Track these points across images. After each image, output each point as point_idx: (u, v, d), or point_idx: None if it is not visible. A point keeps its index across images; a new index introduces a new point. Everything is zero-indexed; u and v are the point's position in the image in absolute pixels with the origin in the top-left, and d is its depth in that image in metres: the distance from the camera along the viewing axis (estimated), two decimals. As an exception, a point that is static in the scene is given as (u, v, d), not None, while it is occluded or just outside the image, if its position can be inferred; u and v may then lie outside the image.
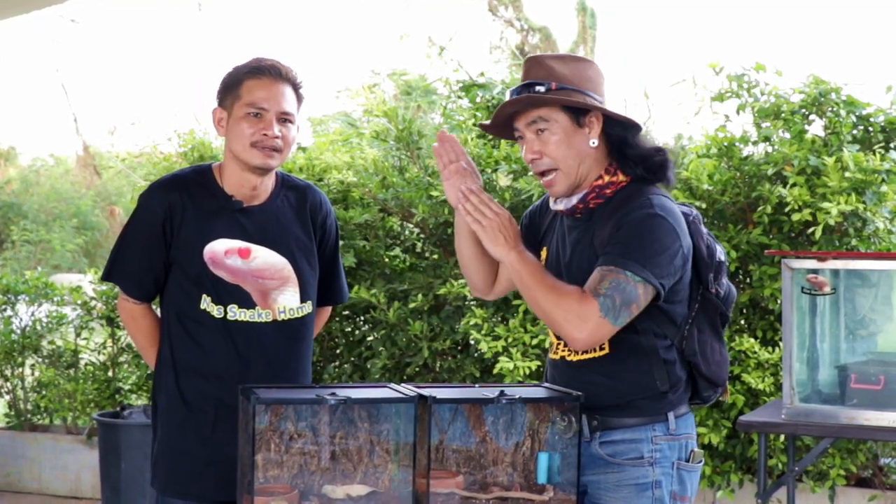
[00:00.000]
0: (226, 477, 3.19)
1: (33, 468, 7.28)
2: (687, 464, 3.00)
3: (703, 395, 3.08)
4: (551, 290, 2.84)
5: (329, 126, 15.82)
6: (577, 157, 2.97)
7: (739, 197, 5.44)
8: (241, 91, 3.22)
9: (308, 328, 3.38)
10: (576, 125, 2.95)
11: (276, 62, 3.26)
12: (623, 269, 2.81)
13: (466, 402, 2.89)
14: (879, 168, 5.08)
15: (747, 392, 5.32)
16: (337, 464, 2.85)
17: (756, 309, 5.56)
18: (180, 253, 3.24)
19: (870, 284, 4.42)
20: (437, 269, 5.95)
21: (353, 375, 6.12)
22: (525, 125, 2.98)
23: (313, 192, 3.45)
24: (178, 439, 3.28)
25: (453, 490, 2.85)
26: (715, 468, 5.45)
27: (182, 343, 3.27)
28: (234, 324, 3.23)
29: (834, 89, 5.44)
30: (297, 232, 3.35)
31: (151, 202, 3.28)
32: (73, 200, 21.56)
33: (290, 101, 3.25)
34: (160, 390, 3.34)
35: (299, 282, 3.32)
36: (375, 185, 5.99)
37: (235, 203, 3.27)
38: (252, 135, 3.19)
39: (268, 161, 3.22)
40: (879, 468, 5.65)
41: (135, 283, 3.31)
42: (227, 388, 3.19)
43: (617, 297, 2.80)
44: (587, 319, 2.79)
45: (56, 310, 7.52)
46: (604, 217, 2.95)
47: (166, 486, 3.31)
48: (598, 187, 2.98)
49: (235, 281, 3.24)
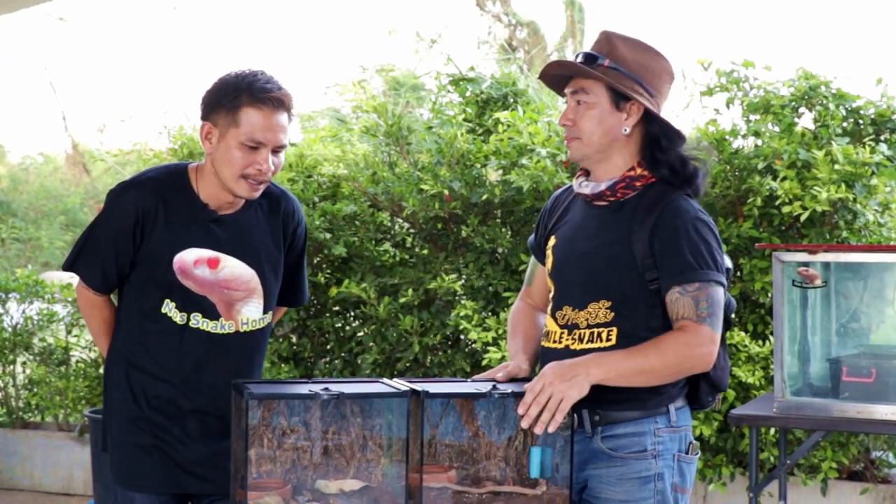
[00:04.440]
0: (180, 469, 3.19)
1: (25, 465, 7.27)
2: (686, 456, 3.01)
3: (703, 401, 3.09)
4: (661, 354, 2.85)
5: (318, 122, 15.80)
6: (605, 137, 2.98)
7: (730, 190, 5.44)
8: (239, 118, 3.08)
9: (265, 337, 3.36)
10: (615, 108, 2.97)
11: (277, 93, 3.11)
12: (707, 280, 2.86)
13: (459, 397, 2.89)
14: (869, 160, 5.08)
15: (738, 386, 5.32)
16: (330, 459, 2.85)
17: (747, 302, 5.56)
18: (149, 256, 3.19)
19: (861, 277, 4.43)
20: (427, 263, 5.95)
21: (343, 371, 6.12)
22: (570, 91, 3.01)
23: (287, 200, 3.38)
24: (131, 434, 3.24)
25: (446, 484, 2.85)
26: (707, 462, 5.45)
27: (137, 340, 3.23)
28: (195, 331, 3.19)
29: (823, 83, 5.45)
30: (268, 243, 3.30)
31: (124, 203, 3.19)
32: (63, 198, 21.51)
33: (286, 131, 3.15)
34: (111, 383, 3.29)
35: (264, 293, 3.28)
36: (366, 179, 5.99)
37: (210, 213, 3.21)
38: (244, 167, 3.09)
39: (253, 194, 3.16)
40: (871, 461, 5.66)
41: (98, 276, 3.26)
42: (179, 392, 3.20)
43: (716, 310, 2.87)
44: (705, 344, 2.86)
45: (47, 307, 7.50)
46: (638, 213, 2.95)
47: (121, 481, 3.29)
48: (630, 178, 2.98)
49: (202, 292, 3.19)
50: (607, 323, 2.94)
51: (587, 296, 2.98)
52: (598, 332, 2.94)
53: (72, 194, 21.80)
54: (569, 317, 3.01)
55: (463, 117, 6.13)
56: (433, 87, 6.74)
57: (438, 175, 5.70)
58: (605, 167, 3.01)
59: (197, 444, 3.20)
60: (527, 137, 5.56)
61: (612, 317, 2.94)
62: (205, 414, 3.20)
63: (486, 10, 21.23)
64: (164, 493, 3.25)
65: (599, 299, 2.96)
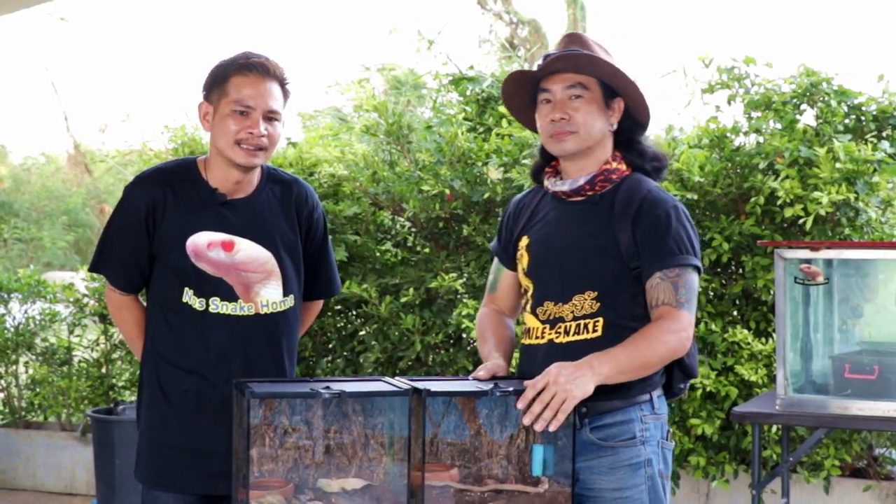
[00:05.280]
0: (209, 469, 3.20)
1: (28, 465, 7.28)
2: (667, 442, 3.08)
3: (675, 388, 3.14)
4: (651, 345, 2.90)
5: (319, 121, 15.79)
6: (599, 132, 3.05)
7: (731, 188, 5.43)
8: (227, 87, 3.20)
9: (290, 323, 3.36)
10: (604, 104, 3.05)
11: (264, 59, 3.24)
12: (686, 265, 2.94)
13: (460, 395, 2.89)
14: (871, 158, 5.07)
15: (740, 383, 5.32)
16: (331, 457, 2.85)
17: (749, 300, 5.56)
18: (163, 245, 3.24)
19: (863, 274, 4.42)
20: (428, 262, 5.94)
21: (345, 370, 6.12)
22: (563, 87, 3.04)
23: (299, 185, 3.44)
24: (160, 432, 3.28)
25: (448, 483, 2.86)
26: (709, 459, 5.45)
27: (163, 336, 3.26)
28: (216, 317, 3.22)
29: (825, 79, 5.43)
30: (282, 225, 3.34)
31: (135, 195, 3.27)
32: (64, 198, 21.52)
33: (276, 98, 3.23)
34: (143, 383, 3.34)
35: (282, 275, 3.31)
36: (366, 178, 5.99)
37: (219, 196, 3.27)
38: (237, 132, 3.18)
39: (251, 160, 3.21)
40: (874, 458, 5.65)
41: (120, 275, 3.31)
42: (206, 381, 3.22)
43: (692, 296, 2.95)
44: (686, 329, 2.93)
45: (49, 307, 7.51)
46: (617, 204, 3.02)
47: (148, 479, 3.30)
48: (607, 171, 3.05)
49: (218, 274, 3.23)
50: (593, 313, 2.98)
51: (570, 288, 3.02)
52: (585, 323, 2.99)
53: (74, 194, 21.82)
54: (551, 311, 3.05)
55: (463, 116, 6.13)
56: (434, 85, 6.75)
57: (439, 174, 5.69)
58: (588, 162, 3.08)
59: (227, 441, 3.18)
60: (528, 134, 5.56)
61: (597, 307, 2.98)
62: (233, 407, 3.19)
63: (487, 9, 21.21)
64: (190, 494, 3.26)
65: (584, 290, 3.00)
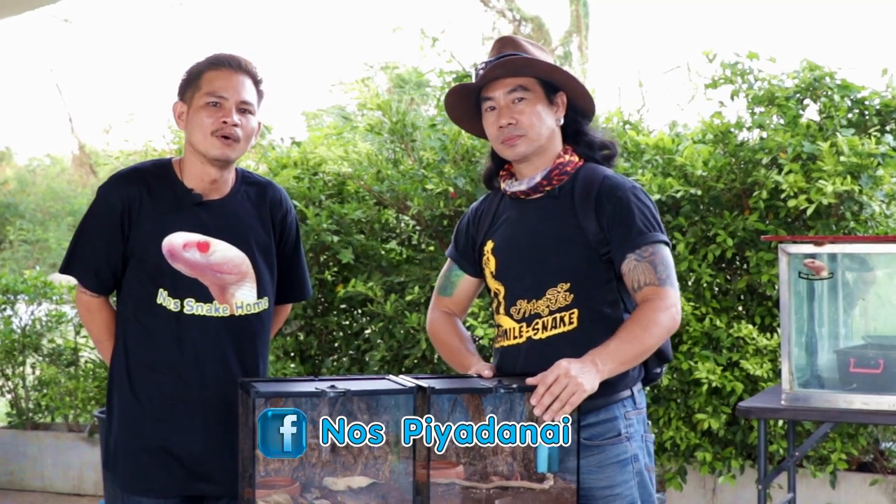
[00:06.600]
0: (186, 471, 3.18)
1: (36, 466, 7.29)
2: (648, 435, 3.10)
3: (651, 374, 3.14)
4: (646, 329, 2.90)
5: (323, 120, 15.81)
6: (547, 130, 3.09)
7: (735, 183, 5.43)
8: (200, 82, 3.22)
9: (264, 325, 3.35)
10: (548, 102, 3.09)
11: (235, 55, 3.26)
12: (656, 242, 2.97)
13: (465, 393, 2.89)
14: (875, 151, 5.07)
15: (746, 378, 5.32)
16: (337, 456, 2.85)
17: (754, 295, 5.56)
18: (138, 246, 3.21)
19: (867, 268, 4.42)
20: (433, 260, 5.95)
21: (351, 368, 6.13)
22: (504, 93, 3.07)
23: (273, 188, 3.43)
24: (135, 436, 3.23)
25: (454, 480, 2.86)
26: (716, 454, 5.45)
27: (136, 337, 3.23)
28: (190, 318, 3.20)
29: (828, 74, 5.43)
30: (257, 228, 3.33)
31: (109, 195, 3.24)
32: (70, 199, 21.55)
33: (249, 91, 3.24)
34: (113, 386, 3.30)
35: (257, 277, 3.29)
36: (370, 177, 5.99)
37: (195, 196, 3.25)
38: (211, 124, 3.18)
39: (226, 151, 3.20)
40: (881, 452, 5.65)
41: (92, 276, 3.27)
42: (181, 383, 3.19)
43: (671, 271, 2.98)
44: (675, 304, 2.95)
45: (55, 308, 7.52)
46: (577, 194, 3.05)
47: (127, 486, 3.25)
48: (561, 164, 3.09)
49: (193, 274, 3.21)
50: (568, 305, 3.00)
51: (543, 284, 3.03)
52: (561, 316, 3.00)
53: (79, 195, 21.84)
54: (525, 309, 3.06)
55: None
56: (438, 83, 6.75)
57: (443, 172, 5.70)
58: (541, 160, 3.11)
59: (203, 442, 3.19)
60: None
61: (571, 298, 3.00)
62: (209, 408, 3.19)
63: (490, 6, 21.20)
64: (171, 497, 3.23)
65: (557, 283, 3.01)
